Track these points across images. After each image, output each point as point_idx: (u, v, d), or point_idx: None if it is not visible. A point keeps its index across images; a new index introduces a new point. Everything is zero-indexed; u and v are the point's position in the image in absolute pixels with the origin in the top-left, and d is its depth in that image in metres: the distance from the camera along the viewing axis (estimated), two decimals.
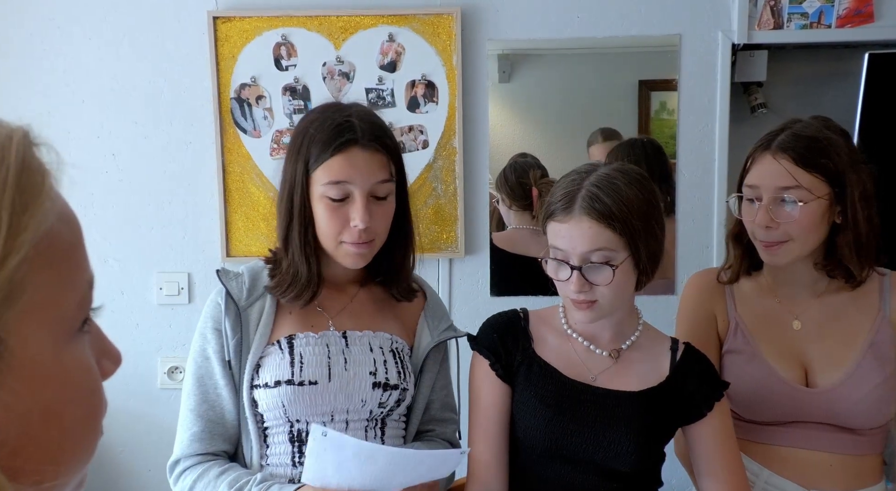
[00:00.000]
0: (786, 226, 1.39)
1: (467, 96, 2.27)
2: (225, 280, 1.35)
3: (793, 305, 1.52)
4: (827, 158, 1.38)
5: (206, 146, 2.28)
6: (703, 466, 1.36)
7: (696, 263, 2.28)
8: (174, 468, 1.35)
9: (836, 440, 1.45)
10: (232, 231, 2.30)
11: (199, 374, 1.34)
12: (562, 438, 1.31)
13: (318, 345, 1.32)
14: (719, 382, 1.38)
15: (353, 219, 1.26)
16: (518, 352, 1.38)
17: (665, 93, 2.30)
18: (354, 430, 1.33)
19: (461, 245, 2.30)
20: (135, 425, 2.38)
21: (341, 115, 1.28)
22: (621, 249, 1.25)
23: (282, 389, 1.28)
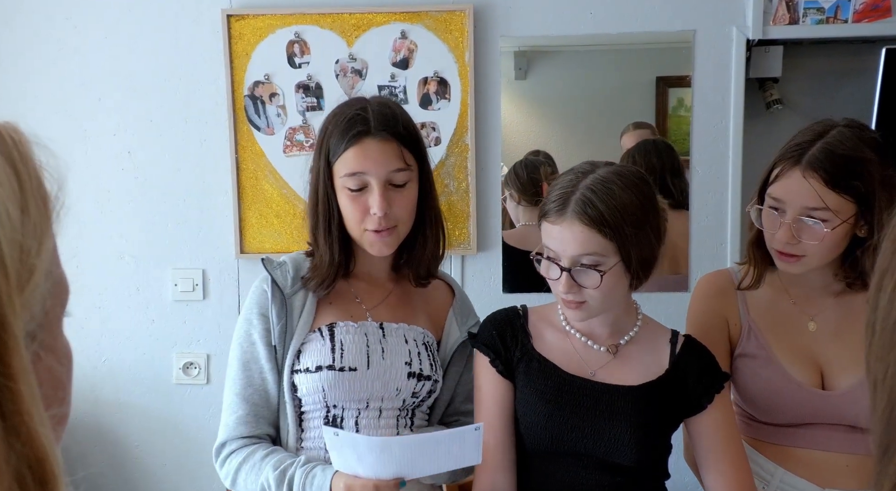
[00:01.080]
0: (806, 245, 1.35)
1: (480, 93, 2.27)
2: (270, 268, 1.41)
3: (808, 306, 1.49)
4: (859, 180, 1.32)
5: (220, 144, 2.30)
6: (706, 458, 1.36)
7: (710, 260, 2.27)
8: (220, 451, 1.39)
9: (852, 441, 1.43)
10: (245, 228, 2.32)
11: (245, 358, 1.39)
12: (562, 434, 1.32)
13: (358, 334, 1.38)
14: (720, 373, 1.37)
15: (372, 207, 1.32)
16: (517, 348, 1.39)
17: (683, 89, 2.29)
18: (386, 418, 1.39)
19: (473, 242, 2.30)
20: (150, 421, 2.41)
21: (357, 108, 1.34)
22: (611, 255, 1.25)
23: (323, 374, 1.34)
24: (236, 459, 1.36)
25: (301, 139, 2.29)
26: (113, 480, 2.42)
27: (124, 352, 2.39)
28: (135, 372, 2.39)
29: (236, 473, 1.36)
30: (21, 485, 0.40)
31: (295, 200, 2.29)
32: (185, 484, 2.43)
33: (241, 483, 1.35)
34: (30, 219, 0.44)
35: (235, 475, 1.36)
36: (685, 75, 2.28)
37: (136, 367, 2.40)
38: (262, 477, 1.32)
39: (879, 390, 0.50)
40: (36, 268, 0.44)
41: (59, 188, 0.48)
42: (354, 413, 1.36)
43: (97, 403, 2.39)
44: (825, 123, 1.39)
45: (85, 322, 2.35)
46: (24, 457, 0.41)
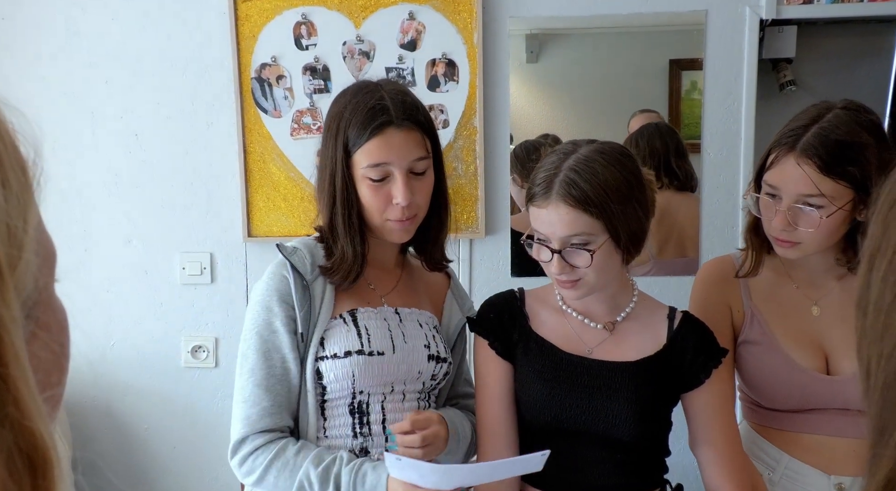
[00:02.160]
0: (803, 231, 1.34)
1: (488, 75, 2.25)
2: (287, 254, 1.37)
3: (811, 290, 1.48)
4: (855, 165, 1.30)
5: (228, 127, 2.29)
6: (700, 433, 1.37)
7: (720, 243, 2.25)
8: (241, 447, 1.33)
9: (859, 425, 1.40)
10: (253, 211, 2.31)
11: (265, 348, 1.34)
12: (561, 412, 1.33)
13: (378, 319, 1.37)
14: (718, 348, 1.37)
15: (396, 197, 1.31)
16: (515, 330, 1.40)
17: (696, 72, 2.26)
18: (410, 401, 1.39)
19: (481, 225, 2.29)
20: (159, 404, 2.41)
21: (374, 97, 1.31)
22: (600, 233, 1.26)
23: (353, 358, 1.32)
24: (264, 457, 1.30)
25: (308, 122, 2.27)
26: (122, 463, 2.44)
27: (133, 335, 2.39)
28: (143, 355, 2.40)
29: (265, 471, 1.30)
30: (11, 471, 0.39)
31: (302, 184, 2.28)
32: (194, 466, 2.44)
33: (270, 482, 1.30)
34: (11, 193, 0.41)
35: (265, 473, 1.30)
36: (698, 58, 2.25)
37: (145, 350, 2.40)
38: (301, 474, 1.28)
39: (874, 373, 0.49)
40: (24, 245, 0.41)
41: (36, 154, 0.45)
42: (380, 398, 1.35)
43: (106, 386, 2.40)
44: (822, 106, 1.37)
45: (93, 306, 2.35)
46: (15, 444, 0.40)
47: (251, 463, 1.31)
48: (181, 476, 2.44)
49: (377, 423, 1.34)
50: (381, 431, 1.34)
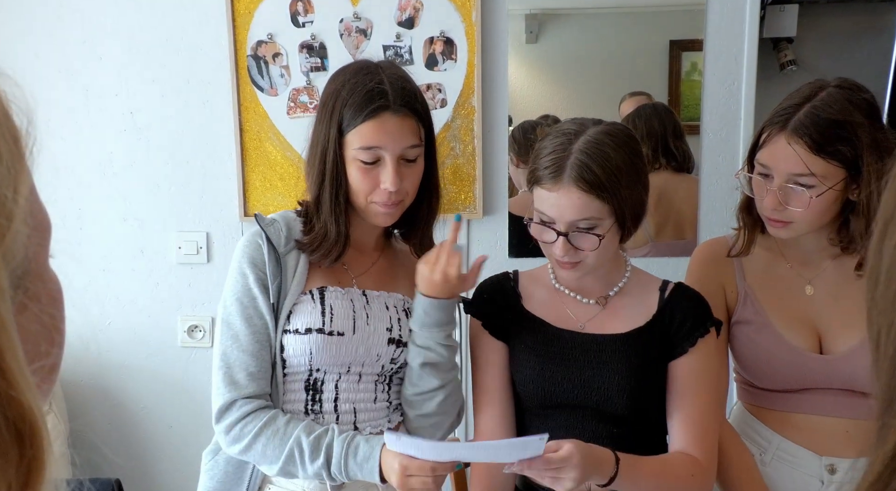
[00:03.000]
0: (794, 211, 1.34)
1: (487, 54, 2.23)
2: (263, 225, 1.38)
3: (805, 270, 1.48)
4: (846, 144, 1.29)
5: (224, 105, 2.27)
6: (675, 402, 1.35)
7: (719, 224, 2.24)
8: (227, 414, 1.33)
9: (852, 405, 1.42)
10: (249, 190, 2.30)
11: (247, 313, 1.34)
12: (554, 386, 1.35)
13: (345, 299, 1.37)
14: (707, 318, 1.36)
15: (384, 182, 1.31)
16: (508, 310, 1.42)
17: (696, 53, 2.24)
18: (365, 383, 1.39)
19: (479, 206, 2.28)
20: (155, 383, 2.41)
21: (373, 79, 1.30)
22: (607, 216, 1.26)
23: (312, 336, 1.33)
24: (254, 425, 1.30)
25: (305, 100, 2.25)
26: (119, 443, 2.44)
27: (129, 315, 2.39)
28: (140, 335, 2.40)
29: (254, 439, 1.30)
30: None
31: (299, 163, 2.26)
32: (190, 445, 2.44)
33: (258, 450, 1.31)
34: (1, 162, 0.41)
35: (253, 441, 1.30)
36: (699, 39, 2.23)
37: (141, 330, 2.40)
38: (291, 442, 1.29)
39: (884, 342, 0.49)
40: (14, 215, 0.41)
41: (29, 122, 0.44)
42: (335, 377, 1.36)
43: (102, 366, 2.40)
44: (815, 85, 1.36)
45: (89, 285, 2.34)
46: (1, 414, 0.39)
47: (239, 430, 1.31)
48: (177, 455, 2.45)
49: (329, 401, 1.36)
50: (332, 410, 1.36)
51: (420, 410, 1.40)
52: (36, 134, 0.44)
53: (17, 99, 0.43)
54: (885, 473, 0.45)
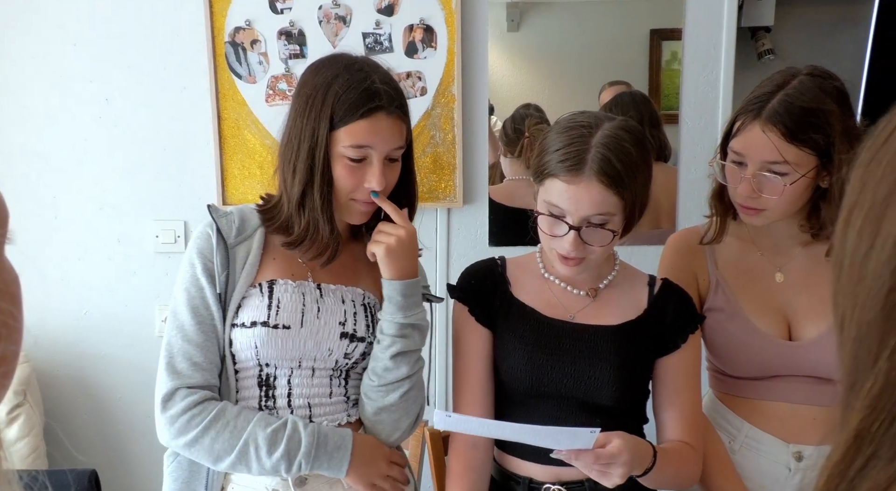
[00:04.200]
0: (767, 198, 1.35)
1: (467, 41, 2.22)
2: (216, 216, 1.35)
3: (775, 257, 1.49)
4: (818, 132, 1.31)
5: (201, 92, 2.24)
6: (666, 398, 1.38)
7: (697, 212, 2.25)
8: (170, 404, 1.28)
9: (819, 393, 1.44)
10: (228, 178, 2.27)
11: (194, 303, 1.32)
12: (542, 375, 1.34)
13: (295, 292, 1.35)
14: (696, 314, 1.40)
15: (370, 181, 1.30)
16: (496, 296, 1.41)
17: (676, 43, 2.25)
18: (319, 378, 1.37)
19: (459, 194, 2.27)
20: (132, 373, 2.39)
21: (367, 78, 1.29)
22: (619, 212, 1.26)
23: (257, 330, 1.31)
24: (202, 417, 1.27)
25: (284, 88, 2.23)
26: (96, 433, 2.42)
27: (106, 304, 2.36)
28: (117, 324, 2.37)
29: (203, 432, 1.26)
30: None
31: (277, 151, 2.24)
32: None
33: (205, 444, 1.27)
34: None
35: (202, 435, 1.26)
36: (678, 28, 2.23)
37: (118, 319, 2.37)
38: (246, 436, 1.27)
39: (847, 326, 0.50)
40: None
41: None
42: (287, 372, 1.34)
43: (79, 355, 2.37)
44: (787, 73, 1.37)
45: (65, 274, 2.31)
46: None
47: (185, 423, 1.27)
48: (154, 446, 2.42)
49: (283, 397, 1.34)
50: (286, 405, 1.34)
51: (381, 402, 1.36)
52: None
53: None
54: (849, 454, 0.46)
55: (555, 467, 1.33)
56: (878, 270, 0.46)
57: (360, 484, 1.34)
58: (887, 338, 0.46)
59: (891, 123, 0.49)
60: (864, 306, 0.47)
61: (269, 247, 1.38)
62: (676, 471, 1.32)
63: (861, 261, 0.48)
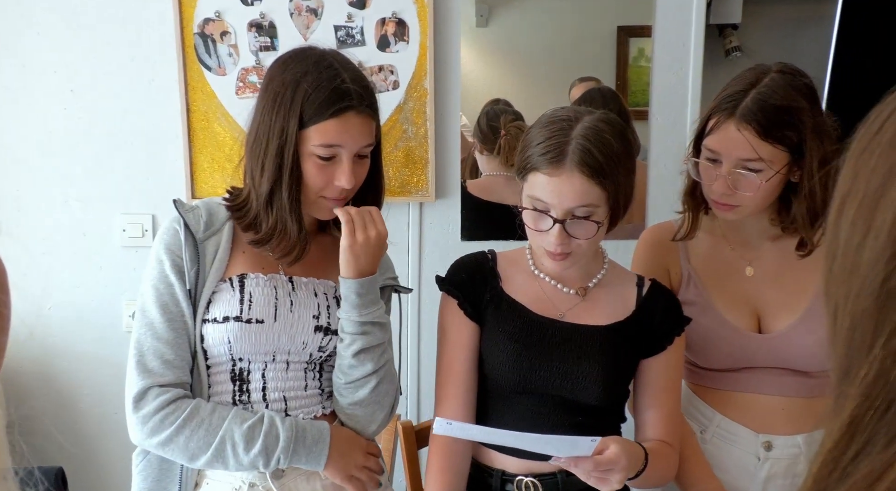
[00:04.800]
0: (742, 195, 1.37)
1: (439, 35, 2.22)
2: (182, 211, 1.34)
3: (746, 251, 1.52)
4: (791, 129, 1.34)
5: (170, 84, 2.21)
6: (650, 397, 1.40)
7: (667, 207, 2.27)
8: (142, 404, 1.27)
9: (788, 384, 1.47)
10: (197, 172, 2.25)
11: (163, 300, 1.30)
12: (530, 373, 1.34)
13: (267, 286, 1.34)
14: (682, 317, 1.41)
15: (339, 179, 1.29)
16: (486, 291, 1.40)
17: (644, 39, 2.26)
18: (294, 371, 1.36)
19: (432, 189, 2.27)
20: (100, 368, 2.36)
21: (338, 76, 1.27)
22: (603, 204, 1.26)
23: (229, 324, 1.30)
24: (176, 416, 1.25)
25: (254, 80, 2.21)
26: (62, 430, 2.38)
27: (72, 299, 2.32)
28: (84, 319, 2.33)
29: (177, 432, 1.25)
30: None
31: None
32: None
33: (180, 443, 1.25)
34: None
35: (176, 434, 1.25)
36: (646, 25, 2.25)
37: (85, 314, 2.34)
38: (222, 434, 1.26)
39: (840, 314, 0.51)
40: None
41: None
42: (261, 366, 1.34)
43: (45, 351, 2.33)
44: (758, 70, 1.39)
45: (29, 268, 2.27)
46: None
47: (158, 422, 1.25)
48: (122, 442, 2.39)
49: (257, 391, 1.33)
50: (261, 399, 1.33)
51: (352, 398, 1.36)
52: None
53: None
54: (843, 441, 0.47)
55: (528, 460, 1.34)
56: (873, 260, 0.47)
57: (338, 476, 1.34)
58: (882, 327, 0.46)
59: (882, 115, 0.50)
60: (859, 296, 0.48)
61: (239, 241, 1.37)
62: (661, 471, 1.34)
63: (855, 251, 0.48)
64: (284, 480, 1.34)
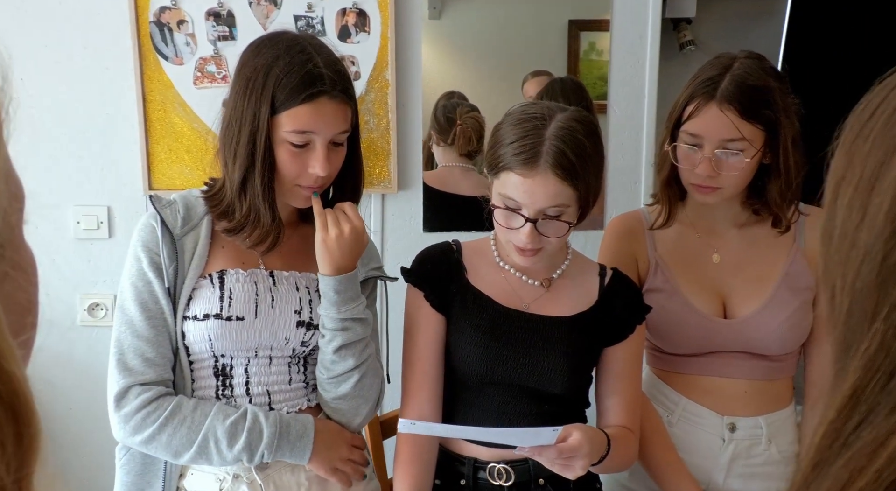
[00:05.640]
0: (725, 176, 1.41)
1: (400, 26, 2.21)
2: (159, 207, 1.32)
3: (713, 238, 1.56)
4: (769, 109, 1.38)
5: (125, 73, 2.16)
6: (611, 385, 1.43)
7: (625, 199, 2.33)
8: (124, 402, 1.26)
9: (751, 367, 1.52)
10: (154, 163, 2.21)
11: (142, 298, 1.29)
12: (497, 364, 1.36)
13: (248, 282, 1.33)
14: (643, 306, 1.44)
15: (313, 167, 1.27)
16: (452, 282, 1.41)
17: (594, 33, 2.29)
18: (277, 365, 1.36)
19: (394, 180, 2.27)
20: (54, 364, 2.30)
21: (310, 61, 1.25)
22: (574, 203, 1.28)
23: (210, 322, 1.29)
24: (158, 414, 1.25)
25: (213, 70, 2.18)
26: None
27: None
28: None
29: (160, 429, 1.25)
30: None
31: (207, 135, 2.19)
32: (91, 427, 2.35)
33: (163, 441, 1.26)
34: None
35: (159, 432, 1.25)
36: (597, 19, 2.28)
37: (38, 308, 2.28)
38: (205, 431, 1.26)
39: (839, 293, 0.53)
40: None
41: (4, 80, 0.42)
42: (244, 361, 1.33)
43: None
44: (727, 57, 1.43)
45: None
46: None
47: (141, 420, 1.26)
48: (77, 439, 2.36)
49: (241, 385, 1.33)
50: (244, 393, 1.33)
51: (335, 393, 1.36)
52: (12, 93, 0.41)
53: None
54: (844, 412, 0.49)
55: (499, 448, 1.36)
56: (871, 241, 0.49)
57: (322, 469, 1.34)
58: (882, 303, 0.48)
59: (872, 103, 0.52)
60: (858, 275, 0.50)
61: (217, 235, 1.35)
62: (622, 456, 1.37)
63: (853, 233, 0.51)
64: (269, 472, 1.34)
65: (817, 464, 0.49)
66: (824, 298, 0.55)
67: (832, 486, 0.47)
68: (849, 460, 0.47)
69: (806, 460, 0.50)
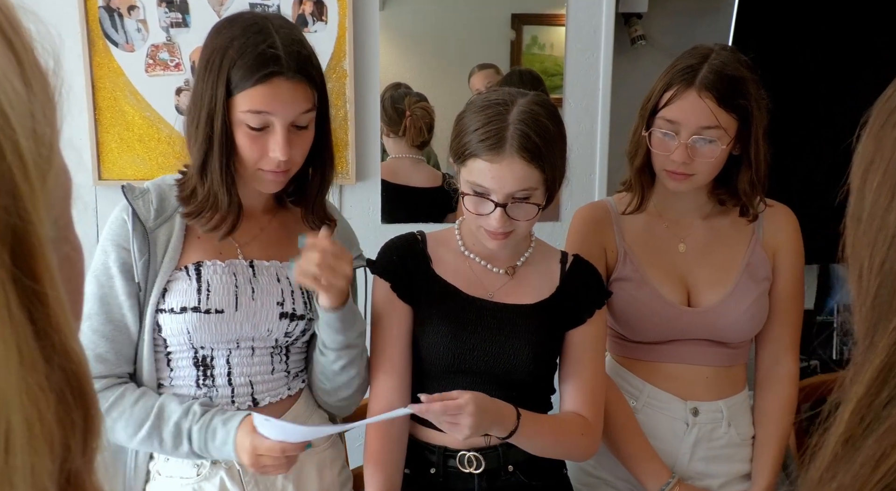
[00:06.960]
0: (699, 163, 1.44)
1: (358, 16, 2.20)
2: (131, 198, 1.28)
3: (679, 229, 1.60)
4: (744, 98, 1.42)
5: (73, 59, 2.09)
6: (569, 369, 1.45)
7: (580, 191, 2.37)
8: None
9: (711, 354, 1.57)
10: (104, 153, 2.15)
11: (102, 293, 1.28)
12: (464, 353, 1.38)
13: (226, 274, 1.31)
14: (604, 290, 1.47)
15: (273, 150, 1.24)
16: (418, 273, 1.42)
17: (537, 27, 2.31)
18: (260, 356, 1.35)
19: (352, 171, 2.26)
20: None
21: (266, 41, 1.21)
22: (541, 186, 1.29)
23: (188, 315, 1.27)
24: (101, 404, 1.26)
25: (165, 58, 2.13)
26: None
27: None
28: None
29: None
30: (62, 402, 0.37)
31: (159, 124, 2.14)
32: None
33: (107, 429, 1.27)
34: (36, 99, 0.37)
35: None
36: (539, 13, 2.30)
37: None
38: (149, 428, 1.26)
39: (867, 273, 0.54)
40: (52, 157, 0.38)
41: (56, 63, 0.41)
42: (225, 353, 1.32)
43: None
44: (703, 48, 1.47)
45: None
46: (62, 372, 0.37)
47: None
48: None
49: (222, 376, 1.32)
50: (226, 384, 1.32)
51: (338, 397, 1.41)
52: (63, 75, 0.40)
53: (42, 37, 0.39)
54: (874, 387, 0.50)
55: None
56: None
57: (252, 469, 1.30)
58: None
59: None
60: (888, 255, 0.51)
61: (193, 226, 1.32)
62: (556, 440, 1.39)
63: (881, 215, 0.52)
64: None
65: (847, 440, 0.50)
66: (852, 278, 0.57)
67: (866, 460, 0.48)
68: (881, 436, 0.48)
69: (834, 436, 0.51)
